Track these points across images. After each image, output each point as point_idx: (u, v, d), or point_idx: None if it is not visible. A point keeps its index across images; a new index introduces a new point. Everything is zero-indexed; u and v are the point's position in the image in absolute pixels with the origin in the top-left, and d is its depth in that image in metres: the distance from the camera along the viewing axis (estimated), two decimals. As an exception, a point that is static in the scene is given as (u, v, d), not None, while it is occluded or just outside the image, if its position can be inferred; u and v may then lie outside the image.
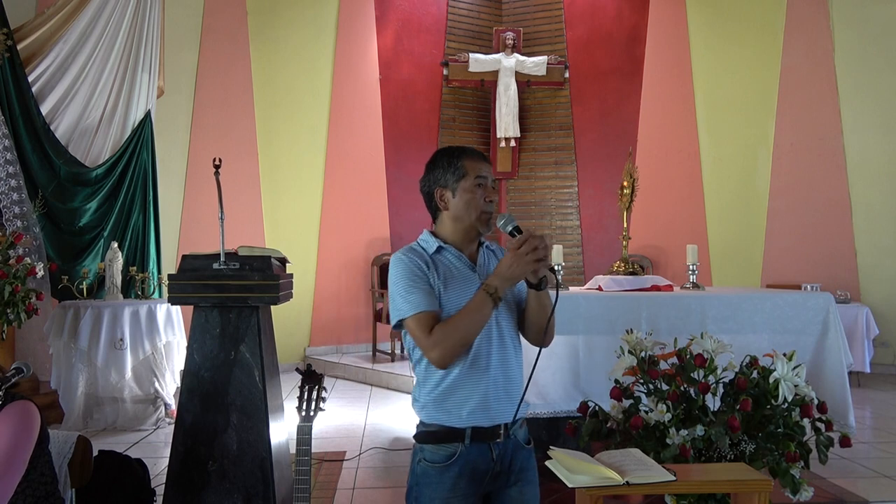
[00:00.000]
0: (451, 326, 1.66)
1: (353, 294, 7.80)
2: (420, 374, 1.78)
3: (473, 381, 1.71)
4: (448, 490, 1.71)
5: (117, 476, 2.55)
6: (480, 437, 1.71)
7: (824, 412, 2.79)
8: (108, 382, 4.95)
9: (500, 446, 1.73)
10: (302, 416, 2.15)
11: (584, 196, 8.44)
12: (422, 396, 1.76)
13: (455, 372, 1.71)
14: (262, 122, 7.33)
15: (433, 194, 1.82)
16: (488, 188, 1.79)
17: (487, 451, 1.72)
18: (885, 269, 7.02)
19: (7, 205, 5.29)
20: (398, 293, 1.73)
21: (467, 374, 1.71)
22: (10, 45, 5.41)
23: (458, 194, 1.78)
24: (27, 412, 2.00)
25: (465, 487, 1.71)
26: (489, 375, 1.72)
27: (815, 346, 3.94)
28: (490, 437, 1.72)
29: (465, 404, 1.70)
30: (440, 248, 1.79)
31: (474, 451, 1.71)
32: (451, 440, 1.71)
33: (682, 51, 7.82)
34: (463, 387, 1.71)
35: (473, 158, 1.81)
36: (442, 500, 1.72)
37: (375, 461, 4.25)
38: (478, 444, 1.71)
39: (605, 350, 3.50)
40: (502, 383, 1.74)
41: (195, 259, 2.67)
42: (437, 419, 1.73)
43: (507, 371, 1.76)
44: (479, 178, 1.78)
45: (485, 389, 1.71)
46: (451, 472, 1.71)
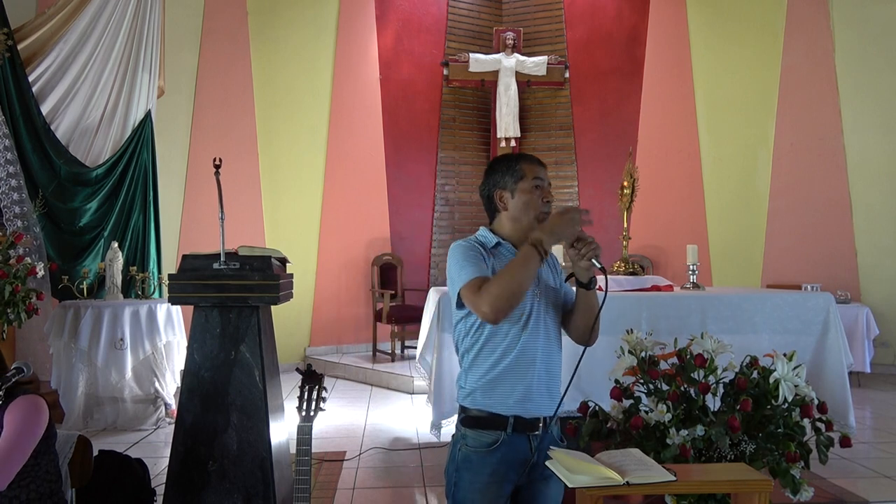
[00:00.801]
0: (499, 278, 1.71)
1: (353, 294, 7.80)
2: (467, 362, 1.85)
3: (520, 374, 1.78)
4: (488, 475, 1.77)
5: (117, 476, 2.55)
6: (521, 428, 1.78)
7: (824, 412, 2.79)
8: (109, 382, 4.95)
9: (537, 439, 1.80)
10: (302, 416, 2.15)
11: (584, 196, 8.44)
12: (468, 384, 1.84)
13: (504, 363, 1.79)
14: (262, 122, 7.33)
15: (493, 196, 1.91)
16: (545, 190, 1.89)
17: (527, 442, 1.80)
18: (885, 269, 7.02)
19: (7, 204, 5.29)
20: (455, 272, 1.80)
21: (514, 366, 1.79)
22: (11, 45, 5.41)
23: (517, 195, 1.87)
24: (36, 405, 2.06)
25: (505, 474, 1.78)
26: (535, 370, 1.80)
27: (815, 346, 3.95)
28: (530, 429, 1.79)
29: (511, 395, 1.78)
30: (498, 244, 1.88)
31: (515, 440, 1.78)
32: (494, 427, 1.78)
33: (683, 51, 7.82)
34: (509, 378, 1.79)
35: (531, 162, 1.91)
36: (482, 483, 1.78)
37: (375, 461, 4.25)
38: (518, 435, 1.78)
39: (605, 350, 3.48)
40: (545, 379, 1.82)
41: (195, 259, 2.67)
42: (483, 405, 1.80)
43: (551, 367, 1.84)
44: (536, 179, 1.87)
45: (529, 382, 1.78)
46: (493, 458, 1.78)
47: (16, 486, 2.04)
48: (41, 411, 2.08)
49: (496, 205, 1.90)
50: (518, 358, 1.79)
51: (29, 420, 2.04)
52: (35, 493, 2.09)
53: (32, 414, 2.05)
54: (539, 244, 1.70)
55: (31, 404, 2.06)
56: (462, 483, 1.80)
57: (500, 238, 1.88)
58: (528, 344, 1.80)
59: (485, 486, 1.77)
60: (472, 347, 1.83)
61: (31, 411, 2.05)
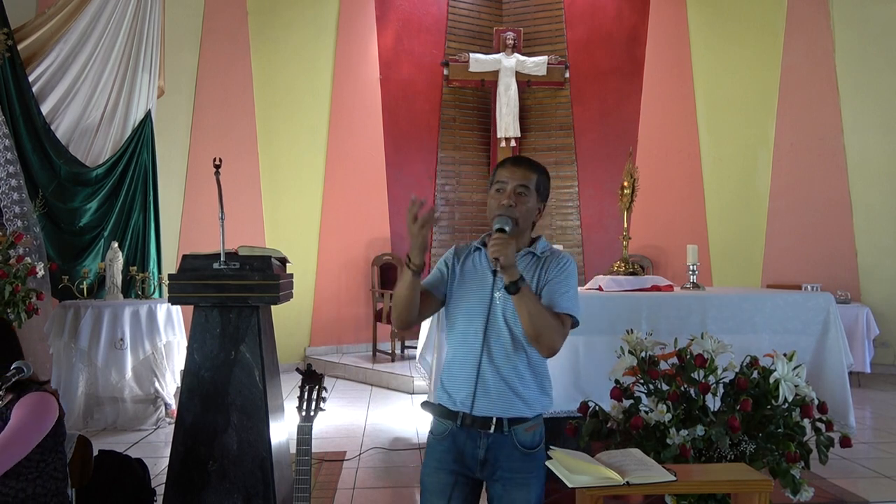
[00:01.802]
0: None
1: (353, 294, 7.80)
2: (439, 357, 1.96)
3: (468, 374, 1.82)
4: (437, 461, 1.86)
5: (117, 476, 2.55)
6: (469, 424, 1.81)
7: (824, 412, 2.79)
8: (109, 382, 4.95)
9: (490, 437, 1.80)
10: (302, 416, 2.15)
11: (584, 196, 8.44)
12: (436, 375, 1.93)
13: (456, 362, 1.86)
14: (262, 122, 7.33)
15: None
16: (507, 192, 1.88)
17: (477, 438, 1.81)
18: (885, 269, 7.02)
19: (7, 204, 5.29)
20: None
21: (464, 365, 1.83)
22: (11, 45, 5.40)
23: (488, 200, 1.95)
24: (45, 401, 2.12)
25: (452, 464, 1.83)
26: (485, 371, 1.80)
27: (815, 347, 3.94)
28: (480, 426, 1.80)
29: (459, 392, 1.83)
30: (478, 248, 1.95)
31: (464, 434, 1.82)
32: (446, 417, 1.85)
33: (683, 51, 7.81)
34: (459, 376, 1.84)
35: (504, 166, 1.95)
36: (432, 469, 1.87)
37: (375, 461, 4.25)
38: (467, 429, 1.82)
39: (605, 350, 3.49)
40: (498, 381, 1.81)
41: (195, 259, 2.67)
42: (439, 397, 1.89)
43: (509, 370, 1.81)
44: (497, 183, 1.91)
45: (477, 383, 1.80)
46: (443, 447, 1.85)
47: (23, 480, 2.07)
48: (50, 408, 2.12)
49: None
50: (467, 358, 1.82)
51: (35, 415, 2.08)
52: (41, 488, 2.12)
53: (40, 409, 2.09)
54: (408, 261, 1.84)
55: (40, 400, 2.11)
56: (424, 464, 1.91)
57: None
58: (475, 343, 1.82)
59: (433, 470, 1.86)
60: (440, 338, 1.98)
61: (40, 407, 2.10)
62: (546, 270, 1.88)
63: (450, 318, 1.92)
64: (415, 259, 1.82)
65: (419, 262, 1.82)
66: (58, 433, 2.17)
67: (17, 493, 2.07)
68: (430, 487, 1.86)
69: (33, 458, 2.08)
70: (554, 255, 1.92)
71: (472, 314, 1.84)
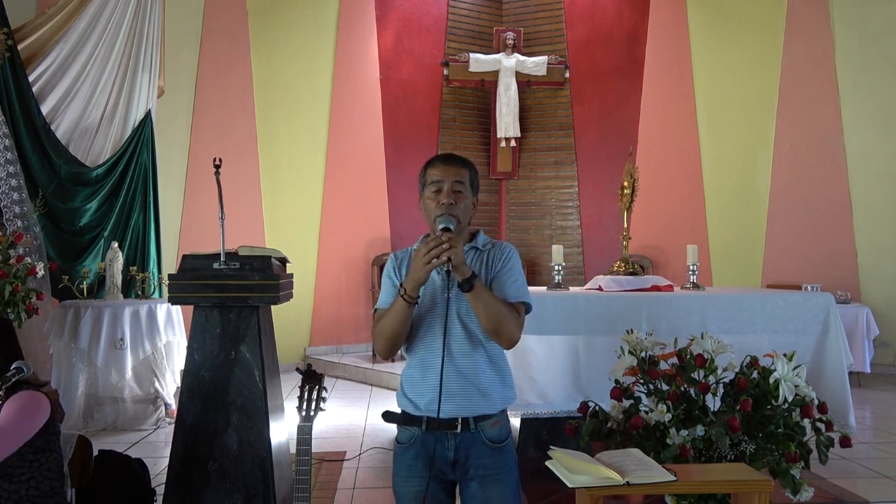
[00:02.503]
0: (377, 326, 1.88)
1: (353, 294, 7.80)
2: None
3: (430, 375, 1.82)
4: (406, 469, 1.86)
5: (117, 476, 2.55)
6: (435, 427, 1.81)
7: (824, 412, 2.79)
8: (109, 382, 4.95)
9: (458, 437, 1.81)
10: (302, 416, 2.15)
11: (584, 196, 8.44)
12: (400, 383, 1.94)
13: (416, 364, 1.86)
14: (262, 122, 7.33)
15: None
16: (444, 191, 1.86)
17: (445, 440, 1.82)
18: (885, 270, 7.02)
19: (7, 204, 5.29)
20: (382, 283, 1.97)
21: (425, 367, 1.84)
22: (11, 45, 5.40)
23: (422, 202, 1.91)
24: (35, 400, 2.09)
25: (422, 469, 1.82)
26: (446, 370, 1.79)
27: (815, 347, 3.95)
28: (446, 428, 1.81)
29: (423, 396, 1.83)
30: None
31: (430, 438, 1.82)
32: (410, 423, 1.85)
33: (683, 51, 7.81)
34: (421, 379, 1.84)
35: (434, 165, 1.91)
36: (402, 477, 1.87)
37: (375, 461, 4.25)
38: (434, 433, 1.82)
39: (605, 350, 3.49)
40: (460, 379, 1.82)
41: (195, 259, 2.67)
42: (402, 404, 1.89)
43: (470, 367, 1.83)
44: (433, 182, 1.87)
45: (438, 383, 1.78)
46: (410, 454, 1.85)
47: (15, 481, 2.05)
48: (39, 408, 2.09)
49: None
50: (427, 359, 1.83)
51: (24, 413, 2.05)
52: (36, 490, 2.09)
53: (29, 408, 2.06)
54: (403, 293, 1.77)
55: (29, 398, 2.08)
56: (393, 473, 1.91)
57: None
58: (436, 345, 1.81)
59: (404, 479, 1.85)
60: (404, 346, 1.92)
61: (29, 405, 2.07)
62: (491, 263, 1.89)
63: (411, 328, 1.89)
64: (412, 292, 1.77)
65: (416, 294, 1.78)
66: (50, 433, 2.13)
67: (10, 496, 2.05)
68: (403, 495, 1.86)
69: (25, 458, 2.06)
70: (496, 247, 1.92)
71: (427, 318, 1.84)
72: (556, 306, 3.86)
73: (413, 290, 1.76)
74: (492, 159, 8.51)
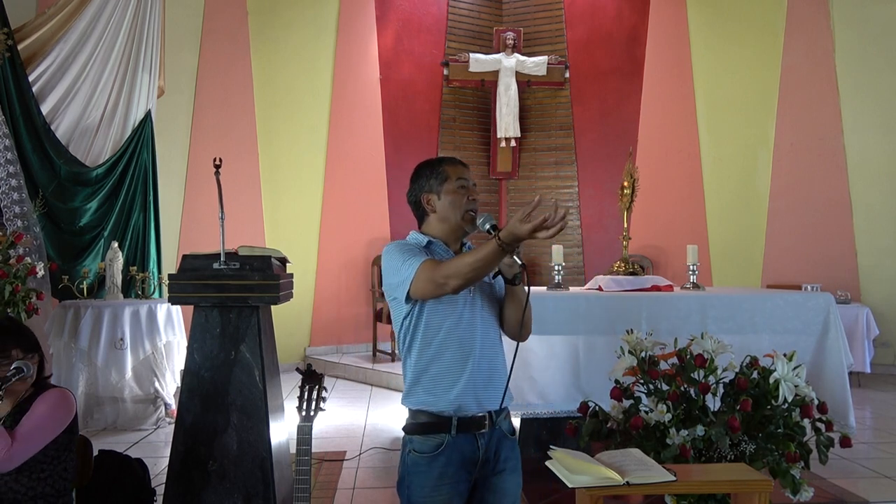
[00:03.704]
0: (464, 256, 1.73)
1: (353, 294, 7.80)
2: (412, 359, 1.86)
3: (458, 367, 1.80)
4: (436, 478, 1.79)
5: (117, 476, 2.55)
6: (466, 427, 1.79)
7: (824, 412, 2.79)
8: (109, 382, 4.95)
9: (485, 436, 1.82)
10: (302, 416, 2.15)
11: (584, 196, 8.44)
12: (409, 383, 1.87)
13: (442, 357, 1.81)
14: (262, 122, 7.33)
15: (420, 201, 1.97)
16: (470, 189, 1.92)
17: (473, 441, 1.81)
18: (885, 270, 7.02)
19: (7, 204, 5.29)
20: (397, 266, 1.81)
21: (453, 360, 1.81)
22: (11, 45, 5.40)
23: (443, 196, 1.92)
24: (65, 397, 2.21)
25: (454, 475, 1.79)
26: (473, 364, 1.81)
27: (815, 347, 3.94)
28: (476, 427, 1.80)
29: (451, 389, 1.79)
30: (430, 243, 1.92)
31: (461, 441, 1.80)
32: (437, 430, 1.80)
33: (683, 51, 7.81)
34: (449, 372, 1.81)
35: (453, 164, 1.96)
36: (431, 488, 1.79)
37: (375, 461, 4.25)
38: (464, 434, 1.80)
39: (605, 350, 3.50)
40: (486, 371, 1.83)
41: (195, 259, 2.67)
42: (424, 403, 1.82)
43: (492, 361, 1.86)
44: (460, 179, 1.92)
45: (468, 376, 1.80)
46: (440, 462, 1.79)
47: (34, 478, 2.11)
48: (69, 406, 2.21)
49: (424, 208, 1.96)
50: (455, 352, 1.81)
51: (56, 410, 2.15)
52: (51, 488, 2.16)
53: (60, 405, 2.17)
54: (503, 243, 1.64)
55: (60, 396, 2.20)
56: (413, 487, 1.81)
57: (431, 238, 1.93)
58: (465, 337, 1.82)
59: (434, 489, 1.79)
60: (412, 343, 1.85)
61: (60, 403, 2.18)
62: None
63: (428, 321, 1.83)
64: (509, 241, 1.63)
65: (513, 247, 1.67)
66: (73, 431, 2.23)
67: (27, 491, 2.11)
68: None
69: (49, 454, 2.14)
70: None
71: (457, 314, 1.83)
72: (556, 306, 3.86)
73: (509, 240, 1.62)
74: (492, 159, 8.51)
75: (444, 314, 1.83)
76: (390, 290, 1.86)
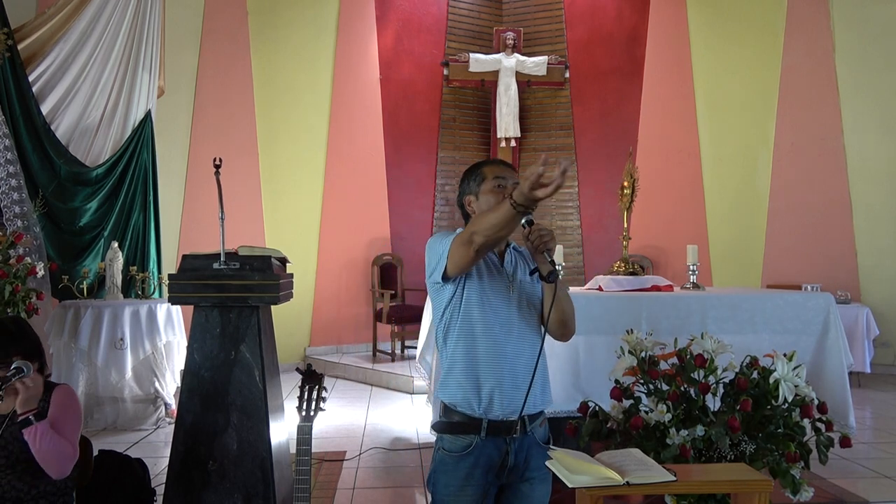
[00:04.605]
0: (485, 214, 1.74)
1: (353, 294, 7.80)
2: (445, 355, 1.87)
3: (490, 365, 1.79)
4: (462, 479, 1.79)
5: (117, 476, 2.55)
6: (495, 431, 1.78)
7: (824, 412, 2.79)
8: (109, 382, 4.95)
9: (516, 441, 1.79)
10: (302, 416, 2.15)
11: (584, 196, 8.44)
12: (443, 375, 1.86)
13: (476, 353, 1.80)
14: (262, 121, 7.33)
15: (464, 204, 1.97)
16: (509, 188, 1.86)
17: (503, 445, 1.79)
18: (885, 270, 7.02)
19: (7, 204, 5.29)
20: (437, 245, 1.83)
21: (486, 357, 1.79)
22: (11, 45, 5.40)
23: (481, 197, 1.91)
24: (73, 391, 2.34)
25: (480, 477, 1.78)
26: (506, 363, 1.80)
27: (815, 347, 3.94)
28: (505, 432, 1.77)
29: (483, 387, 1.78)
30: None
31: (490, 445, 1.78)
32: (467, 431, 1.79)
33: (683, 51, 7.82)
34: (481, 369, 1.79)
35: (492, 164, 1.95)
36: (456, 487, 1.79)
37: (375, 461, 4.25)
38: (493, 438, 1.78)
39: (605, 350, 3.49)
40: (521, 375, 1.80)
41: (195, 259, 2.67)
42: (456, 399, 1.81)
43: (528, 365, 1.80)
44: (496, 178, 1.90)
45: (500, 376, 1.79)
46: (467, 462, 1.78)
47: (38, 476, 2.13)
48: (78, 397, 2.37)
49: (467, 210, 1.96)
50: (489, 348, 1.80)
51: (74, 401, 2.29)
52: (53, 486, 2.19)
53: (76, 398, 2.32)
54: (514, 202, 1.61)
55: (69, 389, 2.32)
56: (439, 485, 1.83)
57: None
58: (500, 335, 1.81)
59: (459, 489, 1.79)
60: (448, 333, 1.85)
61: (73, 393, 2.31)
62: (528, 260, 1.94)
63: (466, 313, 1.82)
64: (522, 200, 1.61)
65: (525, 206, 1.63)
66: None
67: (30, 489, 2.13)
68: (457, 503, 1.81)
69: None
70: (521, 247, 1.96)
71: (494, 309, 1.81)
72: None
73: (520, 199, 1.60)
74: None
75: (482, 308, 1.82)
76: (431, 276, 1.85)
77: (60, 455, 2.08)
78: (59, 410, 2.17)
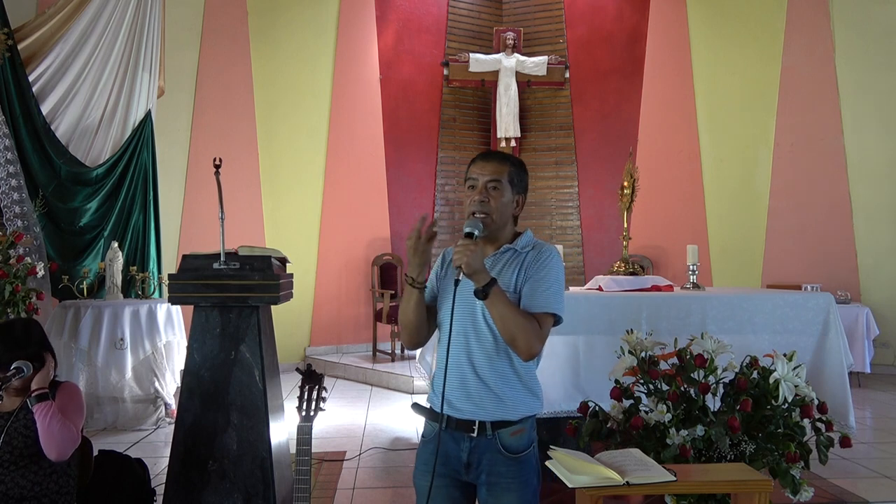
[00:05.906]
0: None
1: (353, 294, 7.80)
2: None
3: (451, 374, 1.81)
4: (424, 463, 1.84)
5: (117, 476, 2.55)
6: (453, 427, 1.81)
7: (824, 412, 2.79)
8: (109, 382, 4.95)
9: (473, 440, 1.79)
10: (302, 416, 2.15)
11: (584, 196, 8.44)
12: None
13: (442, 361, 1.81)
14: (262, 122, 7.33)
15: None
16: (480, 188, 1.82)
17: (461, 440, 1.81)
18: (885, 270, 7.02)
19: (7, 204, 5.29)
20: None
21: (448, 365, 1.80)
22: (11, 45, 5.40)
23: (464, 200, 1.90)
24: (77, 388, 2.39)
25: (439, 468, 1.79)
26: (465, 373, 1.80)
27: (815, 347, 3.94)
28: (463, 429, 1.80)
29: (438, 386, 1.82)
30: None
31: (447, 437, 1.82)
32: (433, 419, 1.84)
33: (683, 51, 7.82)
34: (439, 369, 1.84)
35: (474, 162, 1.89)
36: (420, 471, 1.86)
37: (375, 461, 4.25)
38: (452, 432, 1.81)
39: (605, 350, 3.49)
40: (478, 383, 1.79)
41: (195, 259, 2.67)
42: (430, 401, 1.90)
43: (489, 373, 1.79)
44: (468, 179, 1.87)
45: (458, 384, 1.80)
46: (429, 448, 1.83)
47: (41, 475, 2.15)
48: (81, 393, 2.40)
49: None
50: (450, 358, 1.78)
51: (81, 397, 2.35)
52: (55, 485, 2.20)
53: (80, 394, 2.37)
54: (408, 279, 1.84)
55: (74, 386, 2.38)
56: (415, 467, 1.91)
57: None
58: (456, 340, 1.78)
59: (421, 473, 1.84)
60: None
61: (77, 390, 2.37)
62: (527, 266, 1.81)
63: (439, 324, 1.91)
64: (417, 276, 1.81)
65: (422, 278, 1.83)
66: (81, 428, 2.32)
67: (33, 487, 2.15)
68: (419, 488, 1.87)
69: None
70: (536, 249, 1.84)
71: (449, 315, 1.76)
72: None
73: (419, 275, 1.81)
74: (492, 159, 8.50)
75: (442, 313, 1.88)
76: None
77: (64, 436, 2.13)
78: (66, 399, 2.25)
